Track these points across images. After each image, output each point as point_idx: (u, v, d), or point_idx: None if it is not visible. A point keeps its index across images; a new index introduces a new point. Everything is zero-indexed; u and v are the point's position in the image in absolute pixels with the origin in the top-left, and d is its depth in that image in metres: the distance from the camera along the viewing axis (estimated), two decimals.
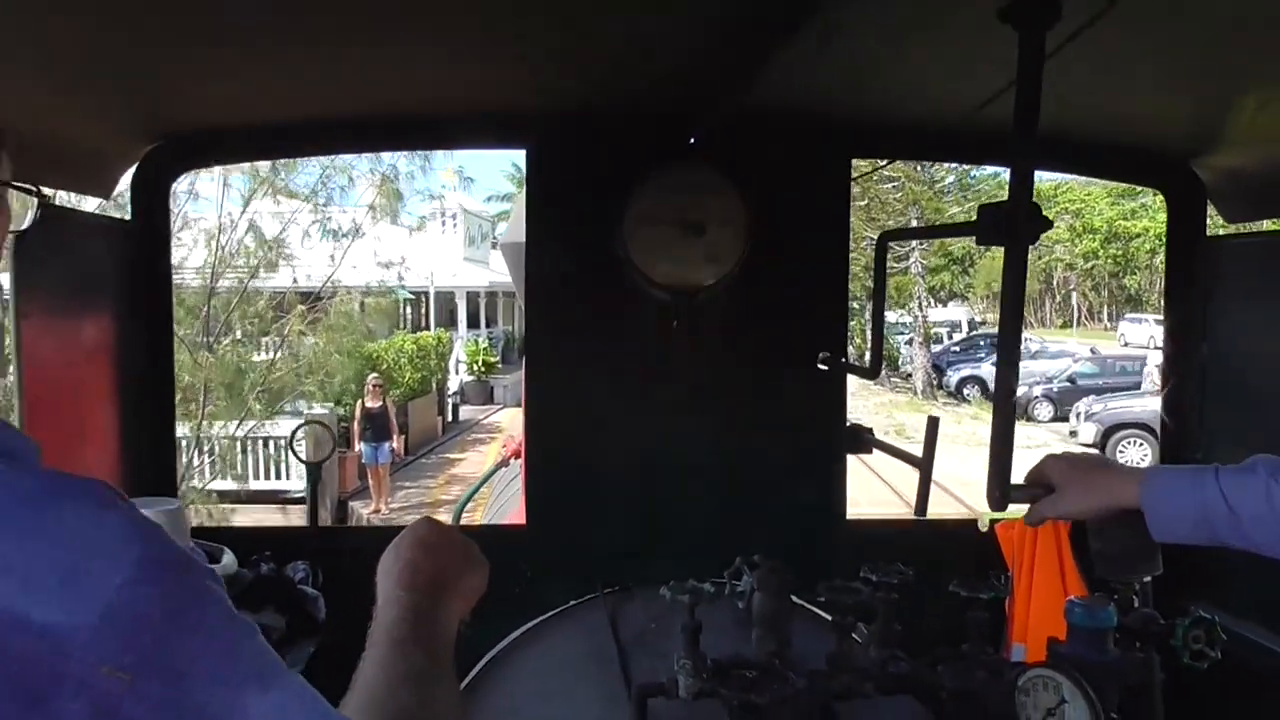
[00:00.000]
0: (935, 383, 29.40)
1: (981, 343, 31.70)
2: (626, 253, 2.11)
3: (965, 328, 40.07)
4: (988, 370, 26.56)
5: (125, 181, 2.13)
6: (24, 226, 1.58)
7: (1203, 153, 2.21)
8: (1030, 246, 1.27)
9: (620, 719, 1.53)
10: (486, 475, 5.83)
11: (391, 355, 20.07)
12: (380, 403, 14.43)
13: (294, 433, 2.34)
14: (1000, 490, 1.24)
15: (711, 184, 2.12)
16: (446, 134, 2.41)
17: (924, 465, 1.75)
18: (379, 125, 2.28)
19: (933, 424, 1.79)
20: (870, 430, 2.26)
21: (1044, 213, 1.20)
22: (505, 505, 4.97)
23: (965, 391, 27.95)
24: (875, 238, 2.40)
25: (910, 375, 31.76)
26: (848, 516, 2.33)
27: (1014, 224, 1.25)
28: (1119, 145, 2.22)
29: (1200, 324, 2.24)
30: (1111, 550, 1.36)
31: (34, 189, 0.78)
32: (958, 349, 32.90)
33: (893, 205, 26.59)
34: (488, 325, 35.27)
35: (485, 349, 29.20)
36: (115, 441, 2.06)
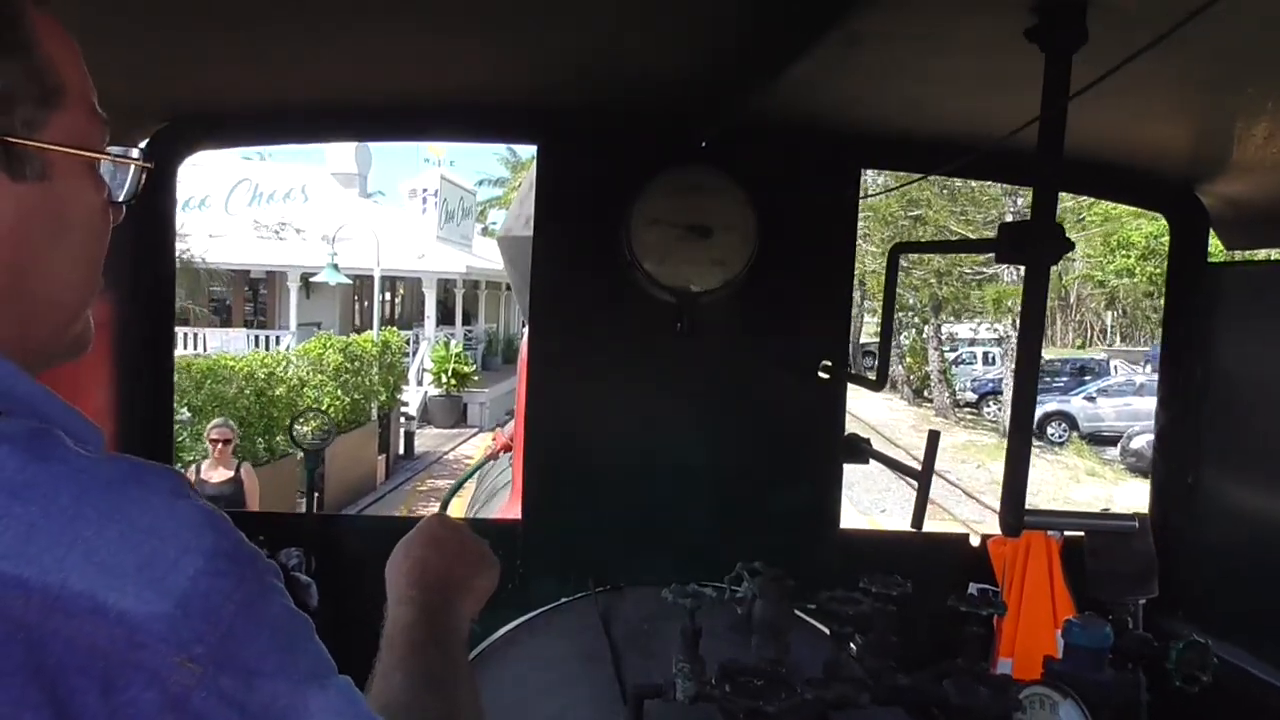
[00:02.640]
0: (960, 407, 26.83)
1: (1061, 367, 27.38)
2: (632, 253, 2.11)
3: (996, 344, 37.25)
4: (1079, 405, 24.04)
5: None
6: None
7: (1206, 179, 2.23)
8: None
9: (612, 717, 1.53)
10: (474, 469, 5.82)
11: (303, 371, 14.83)
12: (228, 473, 7.45)
13: (293, 420, 2.32)
14: (1014, 516, 1.21)
15: (719, 188, 2.13)
16: (458, 125, 2.40)
17: (923, 479, 1.76)
18: (390, 113, 2.28)
19: (933, 438, 1.80)
20: (868, 441, 2.27)
21: (1081, 221, 1.20)
22: (493, 500, 4.96)
23: (1050, 431, 23.26)
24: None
25: (979, 404, 28.14)
26: (841, 526, 2.34)
27: (1036, 243, 1.25)
28: (1123, 167, 2.24)
29: (1198, 349, 2.25)
30: (1108, 571, 1.37)
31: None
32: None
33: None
34: (466, 322, 29.89)
35: (458, 354, 23.07)
36: (113, 421, 2.05)
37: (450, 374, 22.67)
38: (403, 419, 18.88)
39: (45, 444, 0.59)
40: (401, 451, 18.68)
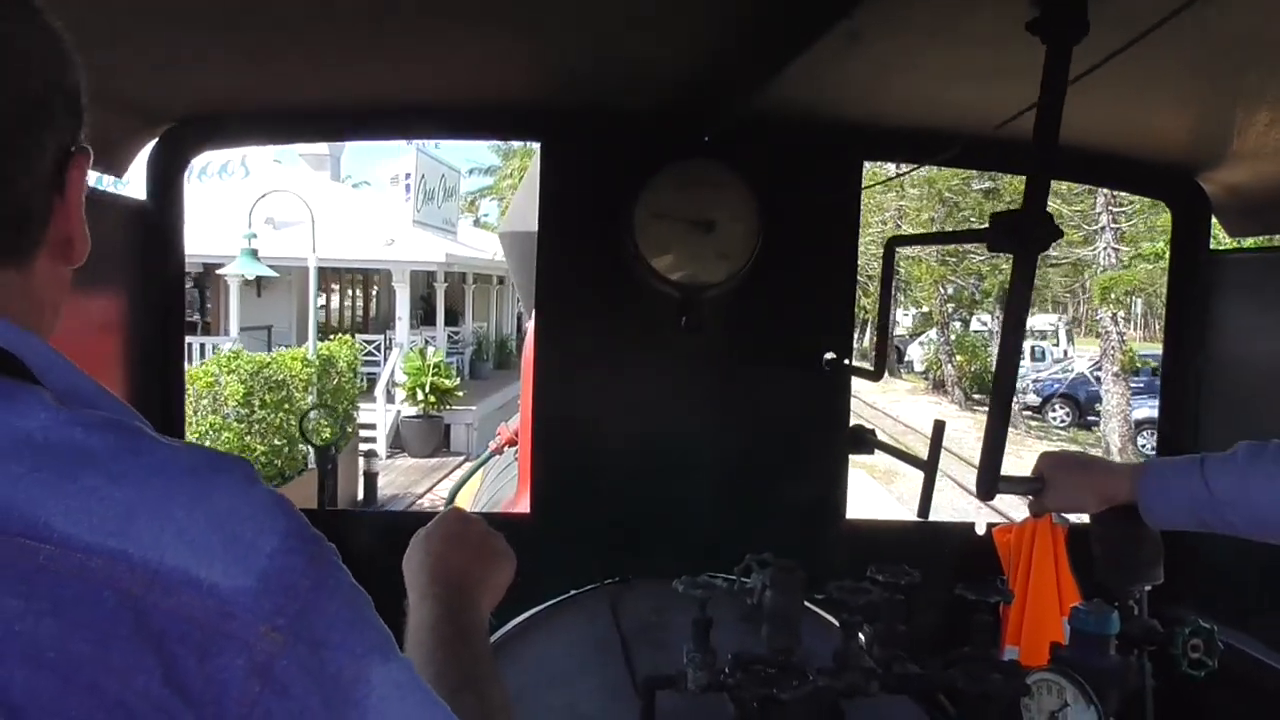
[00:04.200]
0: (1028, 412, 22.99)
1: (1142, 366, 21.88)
2: (636, 248, 2.12)
3: (1063, 339, 33.58)
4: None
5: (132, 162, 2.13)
6: None
7: (1208, 167, 2.23)
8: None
9: (623, 708, 1.55)
10: (479, 463, 5.83)
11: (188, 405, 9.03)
12: None
13: (304, 416, 2.33)
14: (989, 482, 1.27)
15: (723, 182, 2.14)
16: (462, 123, 2.42)
17: (929, 468, 1.77)
18: (395, 112, 2.29)
19: (939, 427, 1.81)
20: (872, 431, 2.29)
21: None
22: (498, 493, 4.98)
23: (1141, 441, 19.14)
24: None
25: (1043, 408, 24.20)
26: (847, 517, 2.36)
27: (1025, 232, 1.27)
28: (1125, 156, 2.25)
29: (1199, 336, 2.27)
30: (1113, 558, 1.39)
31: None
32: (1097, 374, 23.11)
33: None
34: (450, 321, 25.30)
35: (438, 364, 18.44)
36: None
37: (427, 389, 18.05)
38: (361, 455, 14.63)
39: (131, 434, 0.65)
40: (361, 496, 14.24)
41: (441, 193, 23.85)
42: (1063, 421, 24.37)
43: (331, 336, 17.47)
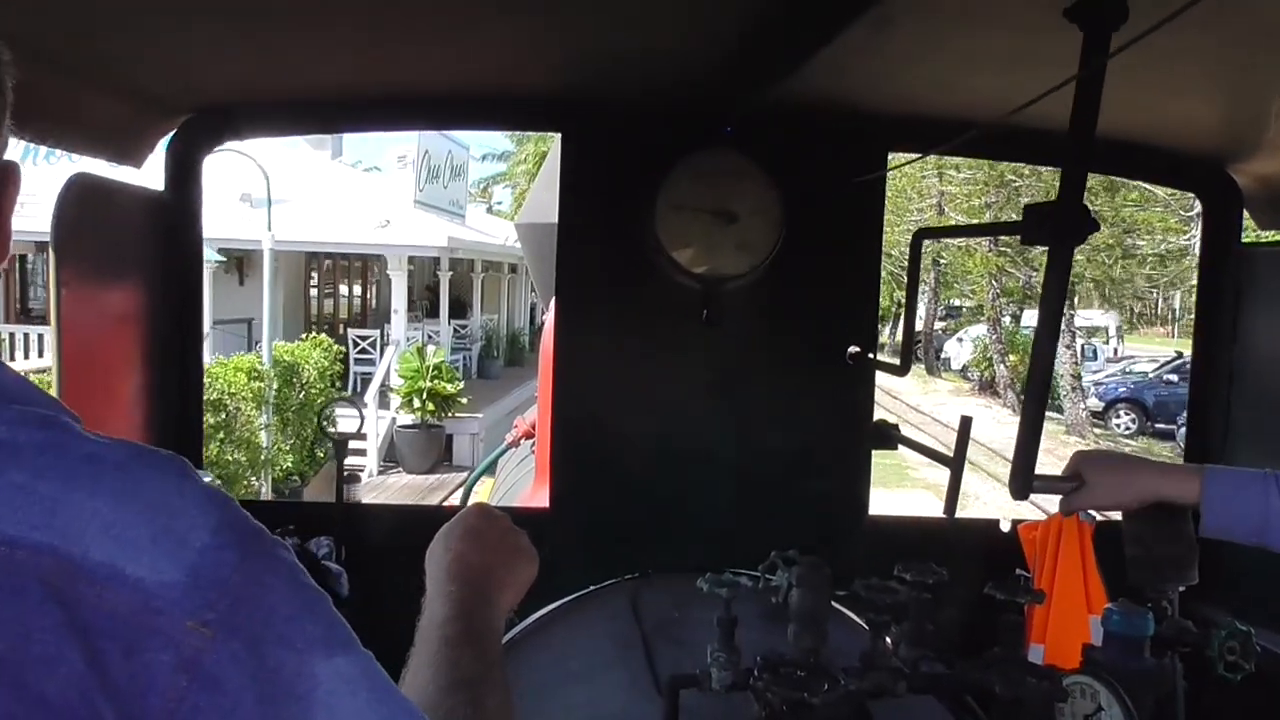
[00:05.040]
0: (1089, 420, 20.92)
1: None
2: (657, 240, 2.10)
3: (1115, 336, 31.96)
4: None
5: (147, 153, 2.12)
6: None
7: (1240, 158, 2.20)
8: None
9: (645, 706, 1.53)
10: (495, 456, 5.82)
11: None
12: None
13: (322, 408, 2.33)
14: (1023, 479, 1.25)
15: (745, 172, 2.11)
16: (483, 114, 2.40)
17: (955, 465, 1.74)
18: (414, 103, 2.28)
19: (965, 423, 1.79)
20: (896, 427, 2.26)
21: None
22: (514, 487, 4.97)
23: None
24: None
25: (1105, 414, 22.29)
26: (870, 513, 2.33)
27: (1062, 225, 1.24)
28: (1156, 147, 2.21)
29: (1230, 330, 2.23)
30: (1148, 558, 1.36)
31: None
32: (1168, 377, 21.99)
33: None
34: (457, 314, 22.65)
35: (438, 366, 15.69)
36: (143, 409, 2.07)
37: (425, 396, 15.32)
38: (354, 475, 13.25)
39: (58, 429, 0.64)
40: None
41: (449, 171, 21.56)
42: (1127, 429, 22.72)
43: (302, 337, 15.48)
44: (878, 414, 2.33)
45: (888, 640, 1.34)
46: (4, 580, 0.57)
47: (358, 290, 26.80)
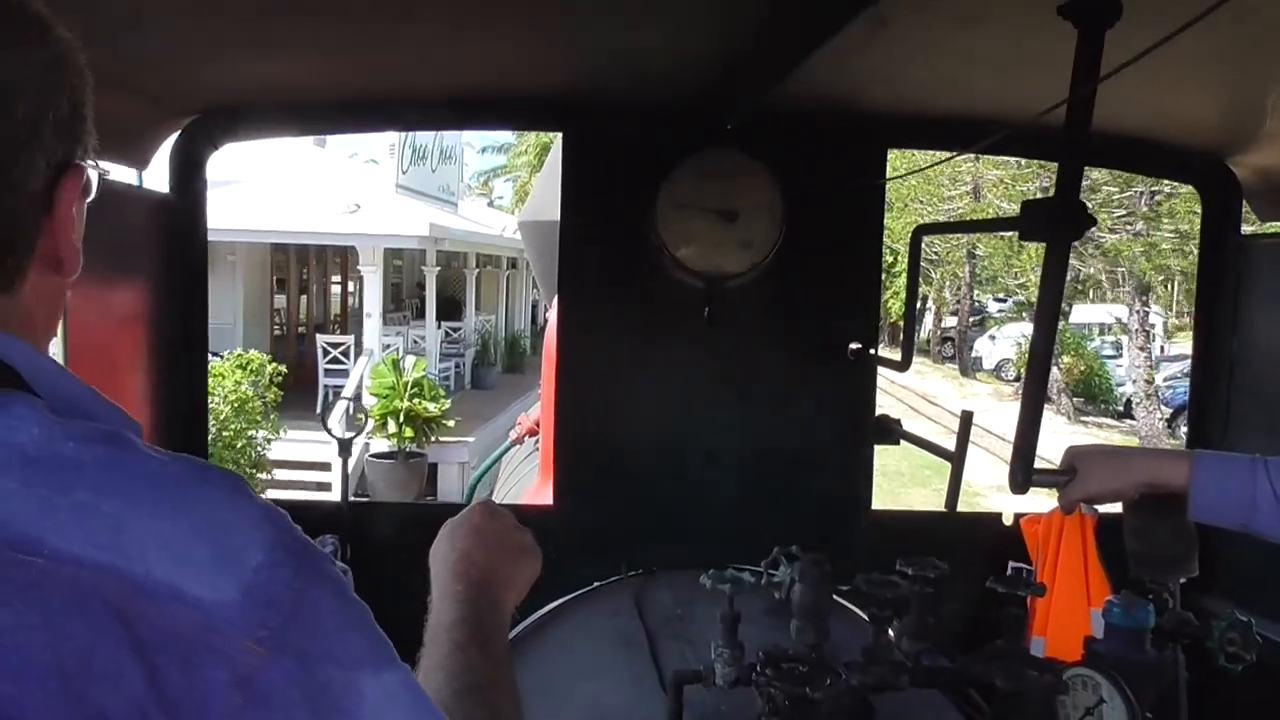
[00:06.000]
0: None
1: None
2: (659, 238, 2.11)
3: (1162, 334, 28.75)
4: None
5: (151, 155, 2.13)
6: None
7: (1238, 150, 2.20)
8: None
9: (650, 702, 1.54)
10: (499, 454, 5.84)
11: None
12: None
13: (325, 409, 2.35)
14: (1023, 474, 1.26)
15: (746, 170, 2.12)
16: (485, 114, 2.41)
17: (956, 460, 1.75)
18: (416, 104, 2.29)
19: (966, 418, 1.80)
20: (898, 421, 2.27)
21: None
22: (519, 484, 4.98)
23: None
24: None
25: (1172, 422, 18.50)
26: (872, 507, 2.34)
27: (1058, 221, 1.25)
28: (1154, 140, 2.21)
29: (1230, 321, 2.24)
30: (1148, 550, 1.37)
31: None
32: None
33: None
34: (447, 315, 20.32)
35: (418, 382, 12.98)
36: (149, 409, 2.08)
37: (401, 419, 12.58)
38: None
39: (121, 445, 0.65)
40: None
41: (436, 154, 18.88)
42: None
43: (245, 354, 12.75)
44: (921, 423, 2.34)
45: (890, 634, 1.35)
46: (70, 598, 0.58)
47: (338, 289, 23.50)
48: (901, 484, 13.74)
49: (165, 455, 0.66)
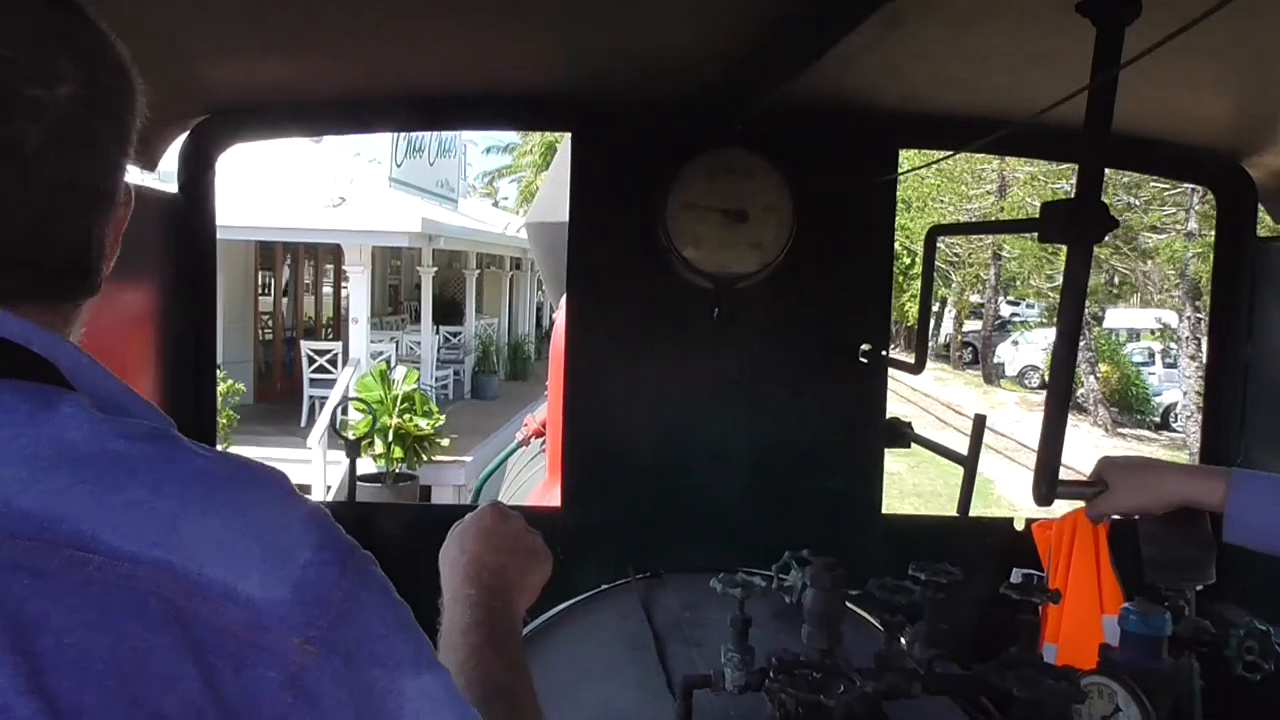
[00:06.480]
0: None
1: None
2: (668, 238, 2.10)
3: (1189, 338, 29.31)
4: None
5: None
6: None
7: (1254, 152, 2.18)
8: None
9: (658, 706, 1.53)
10: (505, 455, 5.83)
11: None
12: None
13: (335, 410, 2.34)
14: (1047, 485, 1.24)
15: (756, 170, 2.11)
16: (493, 115, 2.40)
17: (969, 464, 1.73)
18: (425, 104, 2.28)
19: (979, 421, 1.78)
20: (909, 425, 2.25)
21: None
22: (525, 486, 4.97)
23: None
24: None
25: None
26: (883, 511, 2.32)
27: (1079, 223, 1.24)
28: (1168, 141, 2.19)
29: (1246, 325, 2.21)
30: (1165, 557, 1.35)
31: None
32: None
33: None
34: (446, 319, 19.23)
35: (407, 396, 11.55)
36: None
37: (390, 438, 11.17)
38: None
39: (170, 442, 0.66)
40: None
41: (435, 146, 17.61)
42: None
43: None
44: (950, 435, 2.32)
45: (902, 641, 1.34)
46: (126, 597, 0.57)
47: (334, 289, 21.45)
48: (940, 506, 12.88)
49: (212, 452, 0.66)
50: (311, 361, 15.41)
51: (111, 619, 0.57)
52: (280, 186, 13.75)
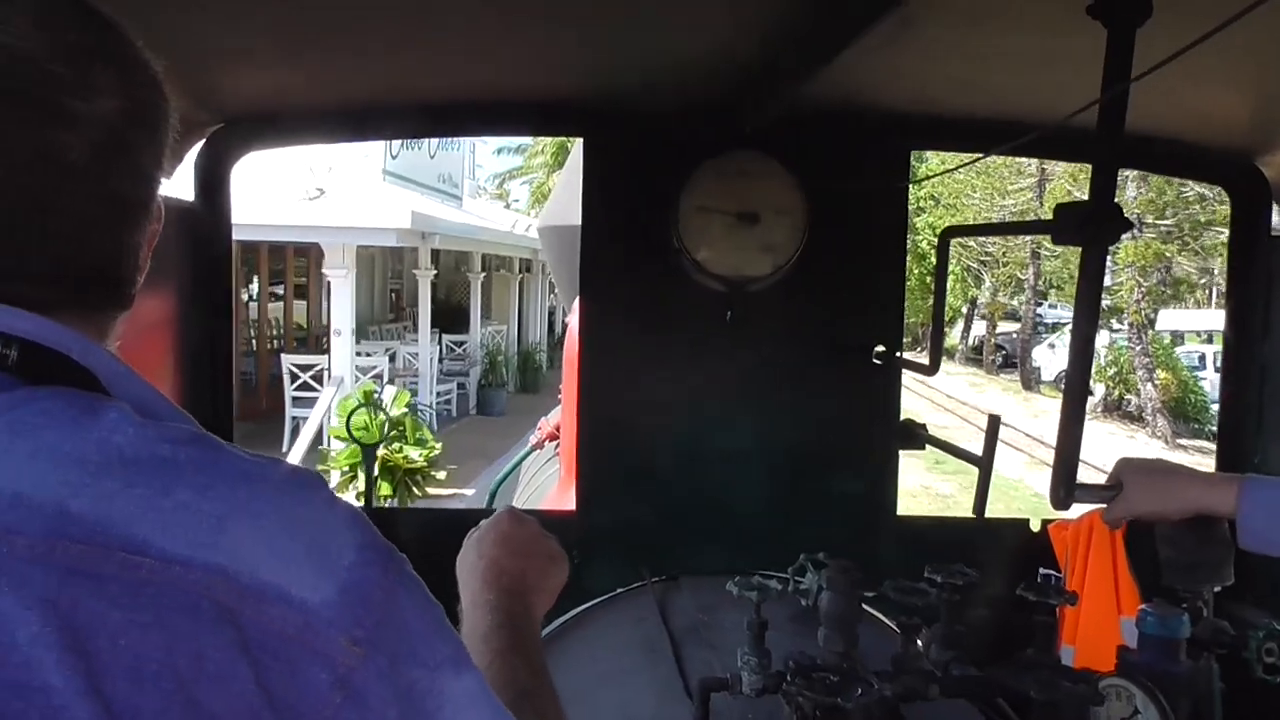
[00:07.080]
0: None
1: None
2: (680, 242, 2.10)
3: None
4: None
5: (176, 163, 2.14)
6: None
7: (1268, 151, 2.17)
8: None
9: (675, 709, 1.53)
10: (520, 459, 5.84)
11: None
12: None
13: (350, 413, 2.35)
14: (1065, 489, 1.24)
15: (768, 173, 2.11)
16: (505, 120, 2.41)
17: (984, 465, 1.73)
18: (439, 110, 2.29)
19: (994, 422, 1.78)
20: (924, 426, 2.25)
21: None
22: (539, 490, 4.98)
23: None
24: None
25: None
26: (898, 513, 2.32)
27: (1094, 225, 1.24)
28: (1182, 141, 2.19)
29: (1262, 324, 2.20)
30: (1183, 559, 1.34)
31: None
32: None
33: None
34: (450, 327, 17.96)
35: (396, 421, 9.42)
36: None
37: (376, 471, 8.72)
38: None
39: (212, 446, 0.66)
40: None
41: (434, 140, 15.72)
42: None
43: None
44: (1005, 454, 2.31)
45: (918, 643, 1.34)
46: (179, 599, 0.58)
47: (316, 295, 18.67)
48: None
49: (254, 456, 0.67)
50: (294, 378, 13.93)
51: (166, 621, 0.57)
52: (247, 175, 12.20)
